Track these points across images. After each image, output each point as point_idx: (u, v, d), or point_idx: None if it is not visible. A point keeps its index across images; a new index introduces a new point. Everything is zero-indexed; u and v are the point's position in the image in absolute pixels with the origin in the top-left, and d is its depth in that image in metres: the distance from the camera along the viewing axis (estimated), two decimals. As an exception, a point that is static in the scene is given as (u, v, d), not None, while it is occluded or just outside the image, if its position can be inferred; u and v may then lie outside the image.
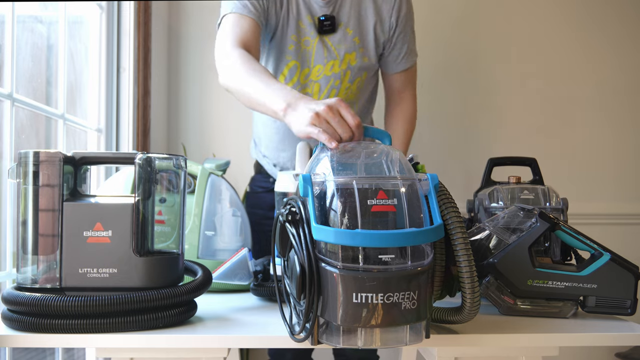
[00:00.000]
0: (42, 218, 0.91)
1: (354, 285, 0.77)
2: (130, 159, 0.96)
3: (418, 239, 0.78)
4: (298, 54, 1.45)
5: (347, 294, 0.77)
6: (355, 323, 0.78)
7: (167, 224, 0.99)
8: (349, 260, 0.78)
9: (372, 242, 0.77)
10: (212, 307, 1.09)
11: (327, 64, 1.46)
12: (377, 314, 0.78)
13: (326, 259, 0.79)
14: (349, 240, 0.77)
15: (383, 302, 0.77)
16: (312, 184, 0.82)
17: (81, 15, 1.83)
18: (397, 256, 0.78)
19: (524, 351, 0.97)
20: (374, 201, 0.79)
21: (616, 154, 2.39)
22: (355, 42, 1.49)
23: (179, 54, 2.31)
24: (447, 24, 2.39)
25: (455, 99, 2.38)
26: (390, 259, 0.78)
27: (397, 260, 0.78)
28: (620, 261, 1.03)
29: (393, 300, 0.77)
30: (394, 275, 0.77)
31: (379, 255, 0.77)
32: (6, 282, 1.33)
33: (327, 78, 1.48)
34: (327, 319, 0.80)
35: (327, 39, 1.45)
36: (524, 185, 1.31)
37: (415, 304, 0.79)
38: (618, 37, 2.39)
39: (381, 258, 0.78)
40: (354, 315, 0.78)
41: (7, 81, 1.34)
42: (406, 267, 0.78)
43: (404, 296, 0.78)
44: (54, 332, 0.87)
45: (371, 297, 0.77)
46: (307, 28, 1.44)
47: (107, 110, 1.88)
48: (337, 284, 0.78)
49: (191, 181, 1.33)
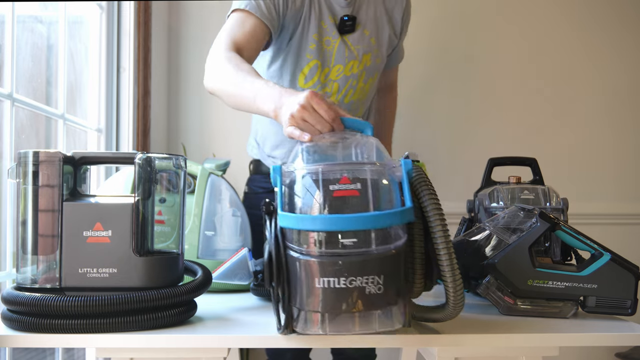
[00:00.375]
0: (42, 218, 0.91)
1: (316, 270, 0.78)
2: (130, 159, 0.96)
3: (378, 222, 0.78)
4: (319, 53, 1.46)
5: (310, 279, 0.78)
6: (319, 308, 0.79)
7: (167, 224, 0.99)
8: (312, 246, 0.79)
9: (330, 225, 0.77)
10: (212, 307, 1.09)
11: (347, 64, 1.48)
12: (340, 299, 0.78)
13: (292, 246, 0.80)
14: (308, 225, 0.78)
15: (346, 286, 0.77)
16: (282, 174, 0.84)
17: (81, 15, 1.83)
18: (361, 240, 0.78)
19: (524, 351, 0.97)
20: (336, 186, 0.80)
21: (616, 154, 2.39)
22: (371, 42, 1.51)
23: (179, 54, 2.31)
24: (447, 24, 2.39)
25: (456, 99, 2.38)
26: (352, 242, 0.77)
27: (360, 245, 0.78)
28: (620, 261, 1.03)
29: (356, 285, 0.77)
30: (356, 259, 0.77)
31: (341, 239, 0.77)
32: (6, 282, 1.33)
33: (346, 78, 1.49)
34: (296, 306, 0.81)
35: (347, 38, 1.47)
36: (524, 185, 1.31)
37: (381, 289, 0.78)
38: (619, 37, 2.39)
39: (343, 242, 0.77)
40: (318, 301, 0.78)
41: (7, 81, 1.34)
42: (370, 251, 0.78)
43: (367, 280, 0.77)
44: (54, 332, 0.87)
45: (333, 281, 0.77)
46: (328, 28, 1.45)
47: (107, 110, 1.88)
48: (301, 270, 0.79)
49: (191, 181, 1.33)
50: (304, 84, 1.47)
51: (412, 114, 2.34)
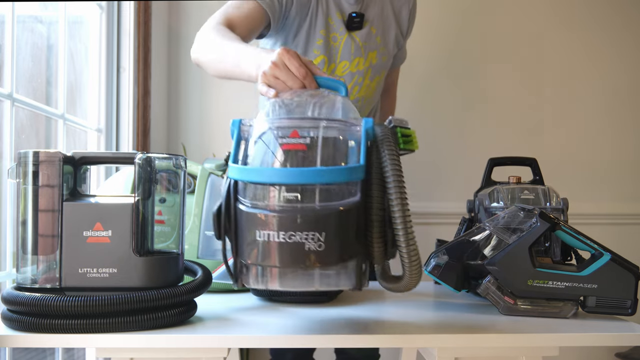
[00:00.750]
0: (42, 218, 0.91)
1: (258, 223, 0.77)
2: (130, 159, 0.96)
3: (320, 177, 0.76)
4: (326, 49, 1.46)
5: (252, 232, 0.78)
6: (259, 261, 0.78)
7: (167, 224, 0.99)
8: (257, 199, 0.78)
9: (271, 178, 0.77)
10: (212, 307, 1.09)
11: (353, 60, 1.48)
12: (279, 253, 0.76)
13: (241, 199, 0.80)
14: (252, 177, 0.78)
15: (285, 241, 0.76)
16: (240, 128, 0.85)
17: (81, 15, 1.83)
18: (304, 196, 0.76)
19: (524, 351, 0.97)
20: (286, 140, 0.79)
21: (616, 154, 2.39)
22: (377, 41, 1.52)
23: (179, 54, 2.31)
24: (447, 24, 2.39)
25: (456, 99, 2.38)
26: (295, 197, 0.76)
27: (303, 200, 0.76)
28: (620, 261, 1.03)
29: (295, 240, 0.75)
30: (297, 214, 0.75)
31: (284, 193, 0.77)
32: (6, 282, 1.33)
33: (352, 74, 1.49)
34: (241, 259, 0.81)
35: (355, 35, 1.48)
36: (524, 185, 1.31)
37: (321, 246, 0.76)
38: (619, 37, 2.39)
39: (286, 196, 0.77)
40: (258, 253, 0.78)
41: (7, 81, 1.34)
42: (313, 207, 0.76)
43: (307, 236, 0.75)
44: (54, 332, 0.87)
45: (272, 235, 0.76)
46: (336, 24, 1.45)
47: (107, 110, 1.88)
48: (245, 222, 0.78)
49: (191, 181, 1.33)
50: None
51: (412, 113, 2.34)
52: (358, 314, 1.09)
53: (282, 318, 1.03)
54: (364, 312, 1.10)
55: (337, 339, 0.91)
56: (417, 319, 1.04)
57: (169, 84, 2.30)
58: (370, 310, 1.12)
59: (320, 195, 0.77)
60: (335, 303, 1.17)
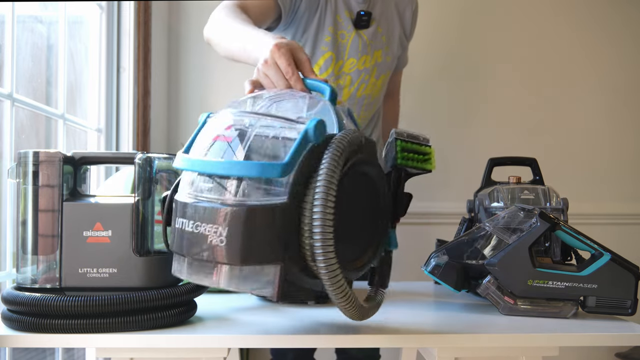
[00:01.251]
0: (42, 218, 0.91)
1: (178, 211, 0.80)
2: (130, 159, 0.96)
3: (227, 170, 0.74)
4: (334, 45, 1.48)
5: (175, 219, 0.80)
6: (174, 249, 0.81)
7: (167, 224, 0.99)
8: (182, 187, 0.81)
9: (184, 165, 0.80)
10: (212, 307, 1.09)
11: (360, 58, 1.50)
12: (187, 242, 0.77)
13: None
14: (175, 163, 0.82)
15: (192, 231, 0.76)
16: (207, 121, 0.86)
17: (81, 15, 1.83)
18: (216, 188, 0.75)
19: (524, 351, 0.97)
20: (219, 131, 0.79)
21: (616, 154, 2.39)
22: (382, 40, 1.55)
23: (179, 54, 2.31)
24: (447, 24, 2.39)
25: (455, 99, 2.38)
26: (208, 188, 0.76)
27: (214, 192, 0.75)
28: (620, 261, 1.03)
29: (201, 232, 0.75)
30: (204, 205, 0.75)
31: (201, 183, 0.77)
32: (6, 282, 1.33)
33: (359, 72, 1.51)
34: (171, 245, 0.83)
35: (363, 33, 1.50)
36: (524, 185, 1.31)
37: (223, 242, 0.73)
38: (619, 37, 2.39)
39: (200, 186, 0.77)
40: (174, 241, 0.81)
41: (7, 81, 1.34)
42: (222, 200, 0.74)
43: (211, 229, 0.74)
44: (54, 332, 0.87)
45: (184, 223, 0.77)
46: (344, 22, 1.48)
47: (107, 110, 1.88)
48: (173, 209, 0.82)
49: (191, 181, 1.33)
50: (319, 74, 1.49)
51: (412, 114, 2.34)
52: (358, 314, 1.09)
53: (282, 318, 1.03)
54: (364, 312, 1.10)
55: (337, 339, 0.91)
56: (417, 319, 1.04)
57: (169, 84, 2.30)
58: (370, 310, 1.12)
59: (233, 190, 0.74)
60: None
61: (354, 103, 1.53)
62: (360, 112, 1.55)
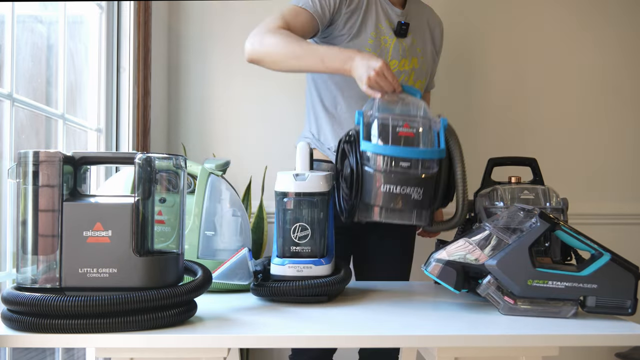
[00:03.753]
0: (42, 218, 0.91)
1: (382, 180, 1.20)
2: (130, 159, 0.96)
3: (423, 154, 1.20)
4: (377, 47, 1.62)
5: (377, 186, 1.20)
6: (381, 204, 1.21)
7: (167, 224, 0.99)
8: (381, 165, 1.19)
9: (395, 152, 1.19)
10: (212, 307, 1.09)
11: (401, 60, 1.65)
12: (395, 199, 1.20)
13: (367, 163, 1.21)
14: (384, 151, 1.19)
15: (399, 192, 1.20)
16: (364, 116, 1.25)
17: (81, 15, 1.83)
18: (412, 165, 1.19)
19: (524, 351, 0.97)
20: (400, 128, 1.21)
21: (616, 154, 2.39)
22: (418, 50, 1.70)
23: (179, 54, 2.31)
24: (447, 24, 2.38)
25: (455, 99, 2.38)
26: (407, 165, 1.19)
27: (411, 167, 1.19)
28: (620, 261, 1.03)
29: (406, 192, 1.20)
30: (408, 176, 1.19)
31: (401, 162, 1.19)
32: (6, 282, 1.33)
33: (399, 73, 1.65)
34: (366, 201, 1.22)
35: (402, 41, 1.65)
36: (524, 185, 1.31)
37: (420, 196, 1.20)
38: (620, 37, 2.39)
39: (401, 164, 1.19)
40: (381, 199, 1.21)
41: (7, 81, 1.34)
42: (417, 172, 1.20)
43: (413, 190, 1.20)
44: (54, 332, 0.87)
45: (392, 187, 1.19)
46: (385, 30, 1.64)
47: (107, 110, 1.88)
48: (372, 179, 1.20)
49: (191, 181, 1.33)
50: None
51: (412, 114, 2.34)
52: (358, 313, 1.09)
53: (282, 318, 1.03)
54: (364, 312, 1.10)
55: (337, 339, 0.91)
56: (417, 319, 1.04)
57: (169, 84, 2.30)
58: (370, 310, 1.12)
59: (422, 165, 1.20)
60: (335, 303, 1.17)
61: None
62: None
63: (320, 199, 1.19)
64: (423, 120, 1.24)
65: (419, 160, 1.19)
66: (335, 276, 1.16)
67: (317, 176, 1.19)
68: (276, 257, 1.18)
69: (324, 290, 1.14)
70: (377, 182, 1.19)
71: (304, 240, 1.18)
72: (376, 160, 1.20)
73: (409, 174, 1.19)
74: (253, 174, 2.15)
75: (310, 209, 1.19)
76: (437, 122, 1.25)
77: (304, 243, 1.18)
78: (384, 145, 1.19)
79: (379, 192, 1.20)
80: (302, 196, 1.18)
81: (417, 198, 1.20)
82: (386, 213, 1.22)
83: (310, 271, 1.16)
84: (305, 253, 1.17)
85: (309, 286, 1.12)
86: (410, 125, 1.21)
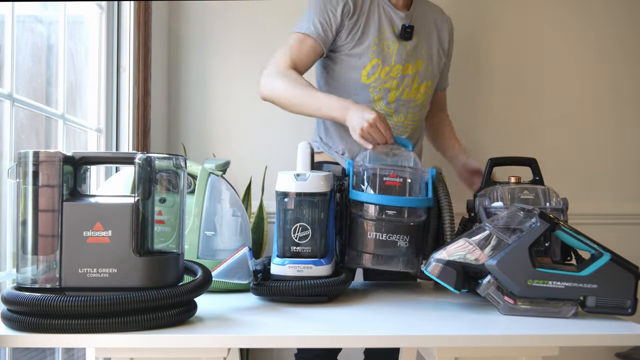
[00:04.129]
0: (42, 218, 0.91)
1: (370, 227, 1.23)
2: (130, 159, 0.96)
3: (409, 203, 1.24)
4: (380, 53, 1.65)
5: (365, 233, 1.24)
6: (369, 251, 1.24)
7: (167, 224, 0.99)
8: (369, 212, 1.24)
9: (382, 201, 1.23)
10: (212, 307, 1.09)
11: (405, 64, 1.68)
12: (382, 246, 1.23)
13: (356, 211, 1.25)
14: (371, 199, 1.23)
15: (386, 239, 1.23)
16: (353, 166, 1.29)
17: (81, 15, 1.83)
18: (398, 213, 1.23)
19: (524, 351, 0.97)
20: (388, 178, 1.25)
21: (616, 154, 2.39)
22: (423, 52, 1.72)
23: (179, 54, 2.31)
24: (447, 24, 2.38)
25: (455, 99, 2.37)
26: (393, 213, 1.23)
27: (397, 215, 1.23)
28: (620, 261, 1.03)
29: (392, 239, 1.23)
30: (395, 224, 1.23)
31: (387, 211, 1.23)
32: (6, 282, 1.33)
33: (403, 77, 1.68)
34: (356, 248, 1.25)
35: (406, 44, 1.68)
36: (524, 185, 1.31)
37: (407, 244, 1.23)
38: (620, 37, 2.39)
39: (387, 212, 1.23)
40: (370, 246, 1.23)
41: (7, 81, 1.34)
42: (403, 220, 1.24)
43: (399, 237, 1.23)
44: (54, 332, 0.87)
45: (379, 235, 1.23)
46: (388, 34, 1.66)
47: (107, 110, 1.88)
48: (360, 226, 1.24)
49: (191, 181, 1.33)
50: (367, 79, 1.66)
51: (412, 114, 2.34)
52: (358, 313, 1.09)
53: (282, 318, 1.03)
54: (364, 312, 1.10)
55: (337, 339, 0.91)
56: (417, 319, 1.04)
57: (169, 84, 2.30)
58: (370, 310, 1.12)
59: (408, 214, 1.24)
60: (336, 303, 1.17)
61: (401, 104, 1.69)
62: (407, 113, 1.70)
63: (321, 199, 1.19)
64: (411, 170, 1.28)
65: (405, 209, 1.23)
66: (336, 277, 1.17)
67: (318, 176, 1.19)
68: (276, 257, 1.19)
69: (324, 291, 1.14)
70: (365, 230, 1.23)
71: (304, 241, 1.18)
72: (364, 208, 1.24)
73: (397, 222, 1.23)
74: (253, 174, 2.15)
75: (310, 209, 1.19)
76: (426, 172, 1.30)
77: (305, 243, 1.18)
78: (372, 194, 1.24)
79: (368, 239, 1.23)
80: (302, 196, 1.18)
81: (404, 245, 1.22)
82: (376, 260, 1.24)
83: (311, 271, 1.16)
84: (305, 253, 1.17)
85: (309, 286, 1.12)
86: (397, 175, 1.26)
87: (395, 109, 1.68)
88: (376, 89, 1.66)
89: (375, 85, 1.66)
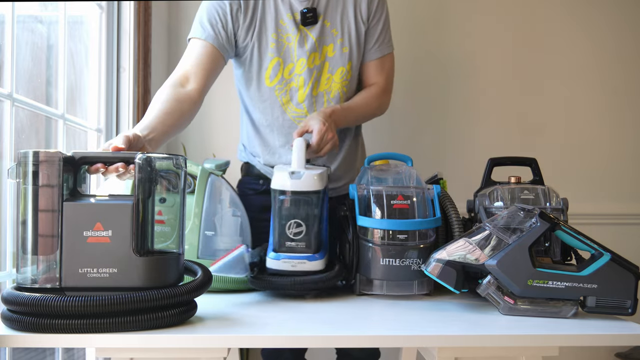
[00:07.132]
0: (42, 218, 0.91)
1: (380, 253, 1.20)
2: (130, 159, 0.96)
3: (419, 226, 1.21)
4: (280, 50, 1.51)
5: (376, 259, 1.20)
6: (381, 277, 1.20)
7: (167, 224, 0.99)
8: (377, 238, 1.20)
9: (392, 226, 1.20)
10: (212, 307, 1.09)
11: (309, 56, 1.52)
12: (395, 272, 1.19)
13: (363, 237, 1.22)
14: (380, 225, 1.20)
15: (399, 264, 1.19)
16: (357, 191, 1.26)
17: (81, 15, 1.83)
18: (409, 236, 1.20)
19: (524, 351, 0.97)
20: (395, 201, 1.22)
21: (616, 154, 2.39)
22: (333, 33, 1.54)
23: (179, 54, 2.29)
24: (446, 24, 2.39)
25: (455, 99, 2.38)
26: (404, 237, 1.19)
27: (408, 239, 1.19)
28: (620, 261, 1.03)
29: (405, 264, 1.19)
30: (406, 248, 1.19)
31: (398, 235, 1.19)
32: (6, 282, 1.33)
33: (310, 71, 1.53)
34: (364, 275, 1.22)
35: (309, 31, 1.51)
36: (524, 185, 1.31)
37: (420, 267, 1.16)
38: (619, 37, 2.39)
39: (398, 237, 1.19)
40: (381, 272, 1.20)
41: (7, 81, 1.34)
42: (414, 244, 1.20)
43: (412, 261, 1.19)
44: (54, 332, 0.87)
45: (391, 261, 1.19)
46: (287, 25, 1.51)
47: (107, 110, 1.88)
48: (370, 253, 1.20)
49: (191, 181, 1.33)
50: (270, 82, 1.53)
51: (411, 114, 2.34)
52: (358, 313, 1.09)
53: (282, 318, 1.03)
54: (364, 312, 1.10)
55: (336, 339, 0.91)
56: (417, 319, 1.04)
57: (169, 84, 2.29)
58: (370, 310, 1.12)
59: (418, 236, 1.20)
60: (336, 303, 1.17)
61: (313, 102, 1.54)
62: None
63: (315, 197, 1.20)
64: (416, 190, 1.24)
65: (415, 232, 1.19)
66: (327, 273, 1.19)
67: (312, 174, 1.20)
68: (272, 252, 1.21)
69: (317, 286, 1.17)
70: (375, 256, 1.20)
71: (298, 236, 1.19)
72: (372, 234, 1.21)
73: (407, 246, 1.19)
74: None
75: (305, 206, 1.20)
76: (431, 190, 1.27)
77: (299, 239, 1.19)
78: (381, 219, 1.20)
79: (380, 266, 1.19)
80: (297, 195, 1.20)
81: (416, 269, 1.19)
82: (389, 287, 1.20)
83: (304, 266, 1.18)
84: (299, 248, 1.19)
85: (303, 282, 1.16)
86: (404, 196, 1.22)
87: (307, 108, 1.54)
88: (282, 91, 1.53)
89: (281, 87, 1.53)
